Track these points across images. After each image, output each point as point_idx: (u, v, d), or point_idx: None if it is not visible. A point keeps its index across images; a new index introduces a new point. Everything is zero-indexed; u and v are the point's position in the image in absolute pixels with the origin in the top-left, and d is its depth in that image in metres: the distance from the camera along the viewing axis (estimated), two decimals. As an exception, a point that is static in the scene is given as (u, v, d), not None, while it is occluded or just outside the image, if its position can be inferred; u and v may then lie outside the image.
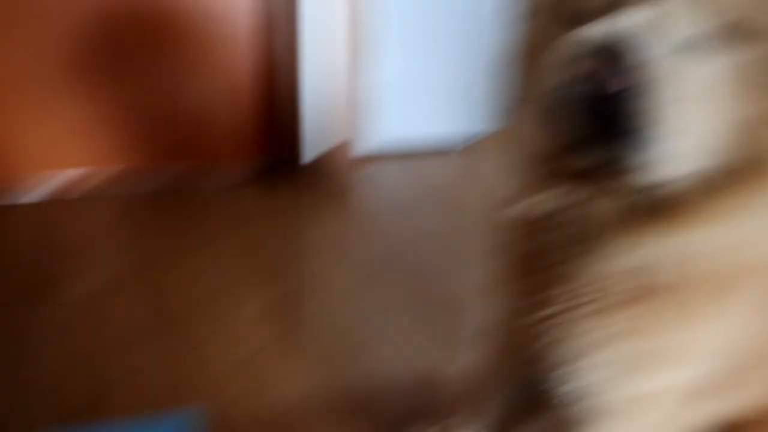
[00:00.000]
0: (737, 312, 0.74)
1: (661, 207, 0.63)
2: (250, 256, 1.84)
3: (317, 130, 2.26)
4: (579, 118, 0.57)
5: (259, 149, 2.35)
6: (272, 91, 2.30)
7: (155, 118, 2.22)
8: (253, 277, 1.72)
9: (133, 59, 2.13)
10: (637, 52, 0.55)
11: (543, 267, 0.75)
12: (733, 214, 0.64)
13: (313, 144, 2.27)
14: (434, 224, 2.14)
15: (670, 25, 0.58)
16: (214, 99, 2.25)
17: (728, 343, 0.77)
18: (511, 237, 0.79)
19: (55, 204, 2.07)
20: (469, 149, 2.58)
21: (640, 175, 0.58)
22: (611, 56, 0.55)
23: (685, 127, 0.57)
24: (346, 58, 2.20)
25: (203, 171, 2.27)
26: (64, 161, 2.12)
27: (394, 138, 2.60)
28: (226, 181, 2.28)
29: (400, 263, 1.87)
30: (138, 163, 2.21)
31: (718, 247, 0.67)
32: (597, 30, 0.58)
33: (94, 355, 1.39)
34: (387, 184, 2.43)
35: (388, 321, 1.58)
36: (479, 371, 0.99)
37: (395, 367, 1.41)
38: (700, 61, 0.58)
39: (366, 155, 2.50)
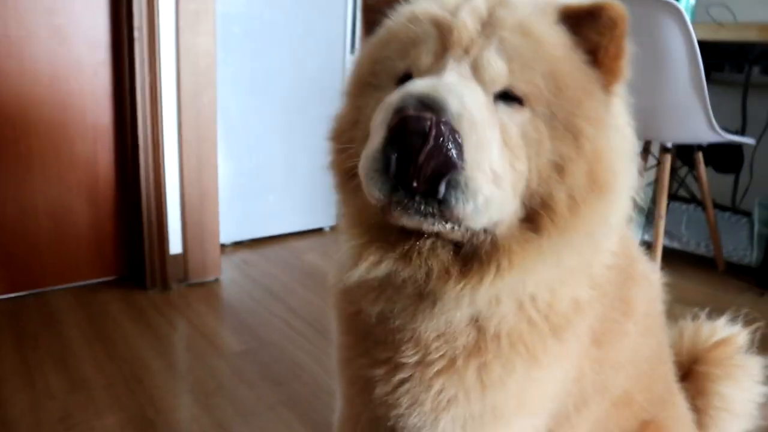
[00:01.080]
0: (566, 355, 0.79)
1: (483, 256, 0.68)
2: (105, 369, 1.70)
3: (176, 227, 2.26)
4: (401, 170, 0.60)
5: (116, 253, 2.28)
6: (129, 193, 2.23)
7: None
8: (108, 391, 1.61)
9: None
10: (456, 107, 0.60)
11: (389, 331, 0.77)
12: (542, 258, 0.69)
13: (172, 241, 2.26)
14: (298, 308, 2.16)
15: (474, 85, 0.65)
16: (61, 208, 2.14)
17: (562, 386, 0.82)
18: (351, 297, 0.82)
19: None
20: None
21: (460, 221, 0.62)
22: (430, 107, 0.59)
23: (499, 173, 0.63)
24: (200, 154, 2.22)
25: (54, 286, 2.18)
26: None
27: (249, 230, 2.76)
28: (78, 288, 2.20)
29: (271, 352, 1.84)
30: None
31: (538, 289, 0.73)
32: (421, 84, 0.63)
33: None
34: (248, 273, 2.45)
35: (263, 415, 1.53)
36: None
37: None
38: (509, 114, 0.66)
39: (224, 247, 2.60)
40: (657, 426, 1.01)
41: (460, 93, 0.62)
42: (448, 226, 0.64)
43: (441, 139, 0.59)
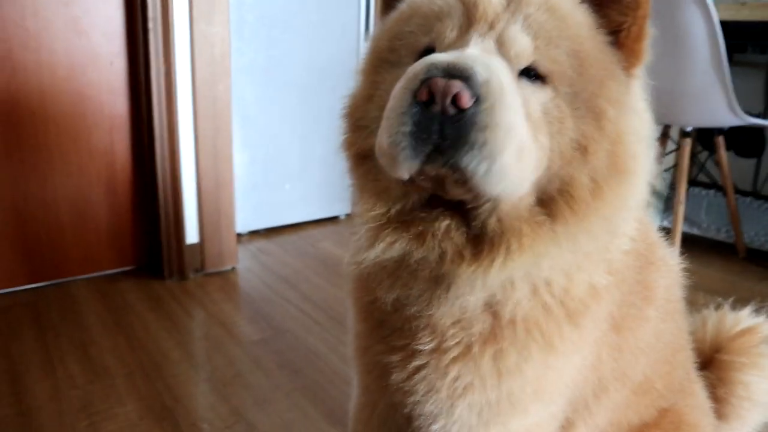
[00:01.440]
0: (584, 341, 0.78)
1: (496, 236, 0.67)
2: (125, 358, 1.72)
3: (192, 216, 2.26)
4: (427, 133, 0.60)
5: (134, 243, 2.30)
6: (146, 183, 2.25)
7: (12, 232, 2.07)
8: (128, 380, 1.62)
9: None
10: (483, 75, 0.60)
11: (405, 319, 0.77)
12: (555, 243, 0.68)
13: (189, 230, 2.27)
14: (315, 295, 2.16)
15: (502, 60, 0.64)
16: (80, 200, 2.16)
17: (579, 373, 0.81)
18: (366, 283, 0.81)
19: None
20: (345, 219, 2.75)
21: (482, 186, 0.61)
22: (460, 75, 0.59)
23: (524, 142, 0.62)
24: (215, 144, 2.22)
25: (73, 276, 2.20)
26: None
27: (265, 219, 2.77)
28: (97, 278, 2.22)
29: (283, 342, 1.84)
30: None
31: (553, 274, 0.72)
32: (447, 55, 0.62)
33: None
34: (265, 262, 2.46)
35: (274, 407, 1.54)
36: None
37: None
38: (532, 91, 0.65)
39: (241, 236, 2.61)
40: (676, 413, 1.00)
41: (486, 62, 0.61)
42: (471, 184, 0.62)
43: (468, 101, 0.58)
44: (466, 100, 0.58)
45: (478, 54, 0.63)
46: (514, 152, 0.60)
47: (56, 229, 2.14)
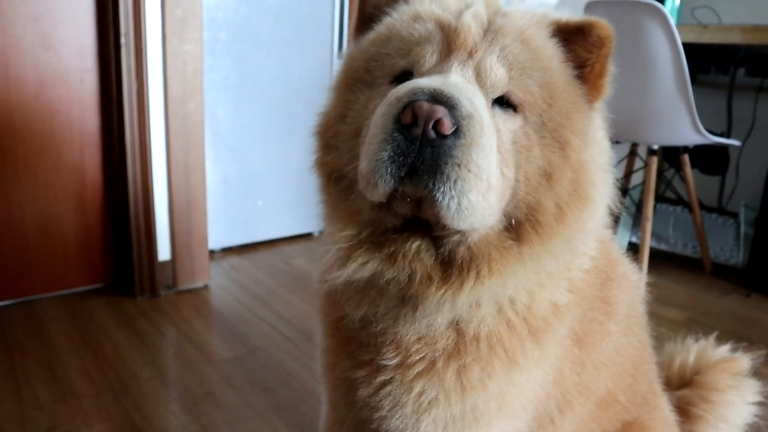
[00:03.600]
0: (546, 357, 0.80)
1: (465, 262, 0.69)
2: (93, 377, 1.69)
3: (164, 233, 2.25)
4: (405, 156, 0.62)
5: (104, 260, 2.27)
6: (118, 199, 2.23)
7: None
8: (96, 399, 1.60)
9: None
10: (467, 108, 0.62)
11: (371, 335, 0.78)
12: (521, 265, 0.71)
13: (161, 247, 2.25)
14: (287, 312, 2.16)
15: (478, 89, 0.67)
16: (56, 214, 2.14)
17: (541, 389, 0.83)
18: (335, 301, 0.83)
19: None
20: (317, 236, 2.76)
21: (450, 221, 0.63)
22: (445, 103, 0.61)
23: (492, 182, 0.64)
24: (187, 160, 2.22)
25: (40, 293, 2.16)
26: None
27: (238, 235, 2.76)
28: (65, 296, 2.18)
29: (260, 358, 1.84)
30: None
31: (517, 293, 0.75)
32: (432, 80, 0.64)
33: None
34: (238, 279, 2.45)
35: (251, 422, 1.53)
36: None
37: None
38: (504, 119, 0.68)
39: (213, 253, 2.60)
40: (640, 427, 1.02)
41: (470, 94, 0.64)
42: (442, 212, 0.64)
43: (449, 128, 0.61)
44: (448, 127, 0.61)
45: (462, 83, 0.65)
46: (483, 191, 0.63)
47: (23, 246, 2.10)
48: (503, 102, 0.68)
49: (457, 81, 0.65)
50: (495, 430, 0.81)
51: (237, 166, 2.67)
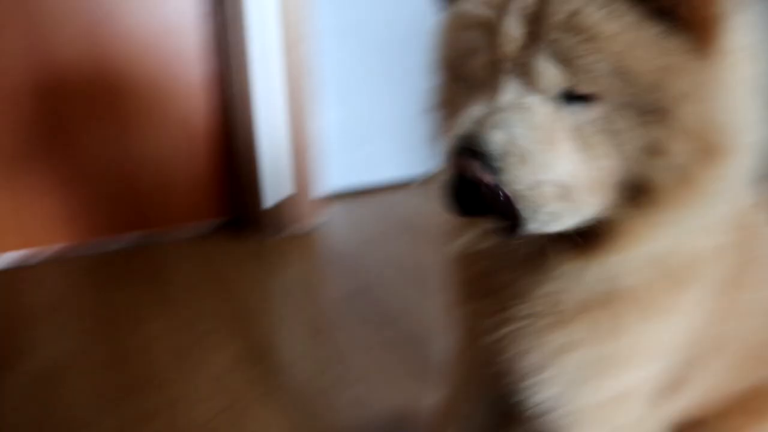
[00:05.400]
0: (688, 305, 0.76)
1: (595, 235, 0.67)
2: (216, 309, 1.80)
3: (276, 176, 2.27)
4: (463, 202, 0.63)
5: (219, 202, 2.34)
6: (228, 143, 2.28)
7: (104, 188, 2.17)
8: (220, 329, 1.68)
9: (69, 128, 2.06)
10: (499, 146, 0.61)
11: (498, 287, 0.78)
12: (656, 229, 0.67)
13: (272, 189, 2.28)
14: (399, 256, 2.15)
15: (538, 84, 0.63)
16: (167, 159, 2.22)
17: (682, 337, 0.79)
18: (461, 263, 0.84)
19: (10, 274, 2.02)
20: (427, 180, 2.58)
21: (541, 230, 0.64)
22: (476, 152, 0.61)
23: (569, 183, 0.62)
24: (296, 105, 2.22)
25: (162, 230, 2.26)
26: (4, 244, 2.07)
27: (351, 178, 2.72)
28: (187, 235, 2.27)
29: (368, 299, 1.85)
30: (88, 237, 2.18)
31: (656, 255, 0.70)
32: (466, 123, 0.64)
33: (62, 425, 1.35)
34: (350, 222, 2.45)
35: (361, 359, 1.56)
36: (449, 397, 1.02)
37: (370, 405, 1.40)
38: (575, 114, 0.62)
39: (326, 196, 2.56)
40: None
41: (509, 123, 0.61)
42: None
43: (489, 179, 0.60)
44: (488, 179, 0.60)
45: (508, 103, 0.63)
46: (556, 198, 0.61)
47: (145, 183, 2.24)
48: (572, 96, 0.61)
49: (503, 103, 0.63)
50: (628, 377, 0.78)
51: (351, 110, 2.66)
